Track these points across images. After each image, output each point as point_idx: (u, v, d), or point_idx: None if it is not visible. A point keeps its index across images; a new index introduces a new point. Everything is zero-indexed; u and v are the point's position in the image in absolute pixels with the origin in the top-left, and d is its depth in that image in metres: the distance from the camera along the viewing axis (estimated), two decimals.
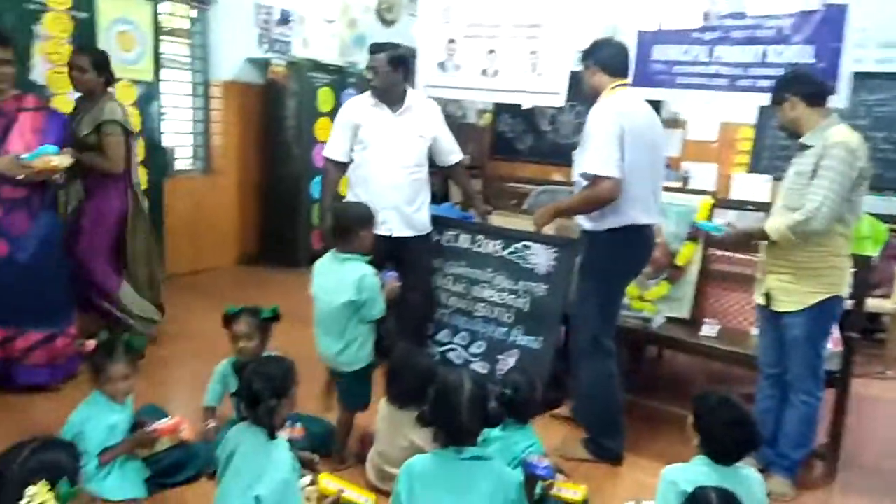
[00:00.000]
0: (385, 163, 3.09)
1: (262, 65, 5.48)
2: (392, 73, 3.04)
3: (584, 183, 2.58)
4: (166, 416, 2.36)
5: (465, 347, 3.34)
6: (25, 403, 2.83)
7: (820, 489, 2.67)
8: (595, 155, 2.48)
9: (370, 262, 2.48)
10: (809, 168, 2.40)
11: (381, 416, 2.38)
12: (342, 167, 3.21)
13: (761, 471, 2.37)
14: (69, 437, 2.08)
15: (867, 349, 4.01)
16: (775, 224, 2.45)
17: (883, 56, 6.01)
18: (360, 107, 3.17)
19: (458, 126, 7.13)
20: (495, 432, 2.13)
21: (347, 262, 2.43)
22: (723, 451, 1.84)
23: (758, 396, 2.75)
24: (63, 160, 2.81)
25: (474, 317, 3.33)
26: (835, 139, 2.38)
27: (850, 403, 2.74)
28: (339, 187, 3.31)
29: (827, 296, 2.44)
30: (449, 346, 3.39)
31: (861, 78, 3.79)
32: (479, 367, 3.28)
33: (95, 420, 2.21)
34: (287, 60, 5.44)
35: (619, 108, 2.53)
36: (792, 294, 2.49)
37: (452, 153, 3.36)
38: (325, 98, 5.54)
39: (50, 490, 1.36)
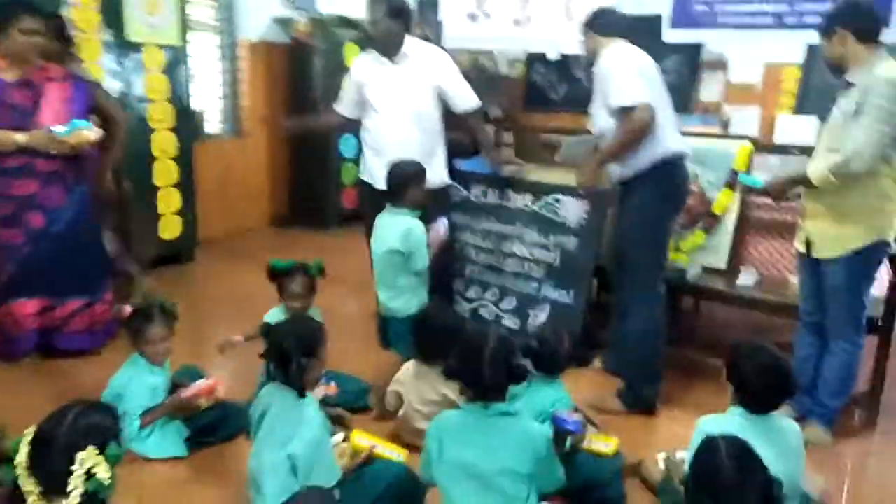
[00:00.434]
0: (391, 116, 3.06)
1: (288, 24, 5.42)
2: (391, 22, 2.99)
3: (609, 136, 2.56)
4: (203, 377, 2.42)
5: (496, 303, 3.32)
6: (68, 368, 2.93)
7: (859, 436, 2.61)
8: (620, 88, 2.48)
9: (422, 217, 2.66)
10: (853, 107, 2.27)
11: (409, 373, 2.39)
12: (348, 122, 3.27)
13: (799, 419, 2.37)
14: (111, 400, 2.16)
15: None
16: (817, 168, 2.34)
17: None
18: (363, 64, 3.16)
19: (489, 78, 6.99)
20: (522, 387, 2.11)
21: (398, 216, 2.64)
22: (757, 400, 1.81)
23: (797, 345, 2.68)
24: (95, 133, 2.84)
25: (504, 272, 3.30)
26: (882, 75, 2.23)
27: (892, 350, 2.65)
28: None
29: (871, 241, 2.33)
30: (479, 303, 3.38)
31: None
32: (510, 322, 3.28)
33: (136, 382, 2.29)
34: (310, 17, 5.36)
35: (625, 49, 2.58)
36: (833, 239, 2.39)
37: (464, 99, 3.14)
38: (351, 53, 5.45)
39: (99, 454, 1.38)
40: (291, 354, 1.83)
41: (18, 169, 2.76)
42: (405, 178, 2.63)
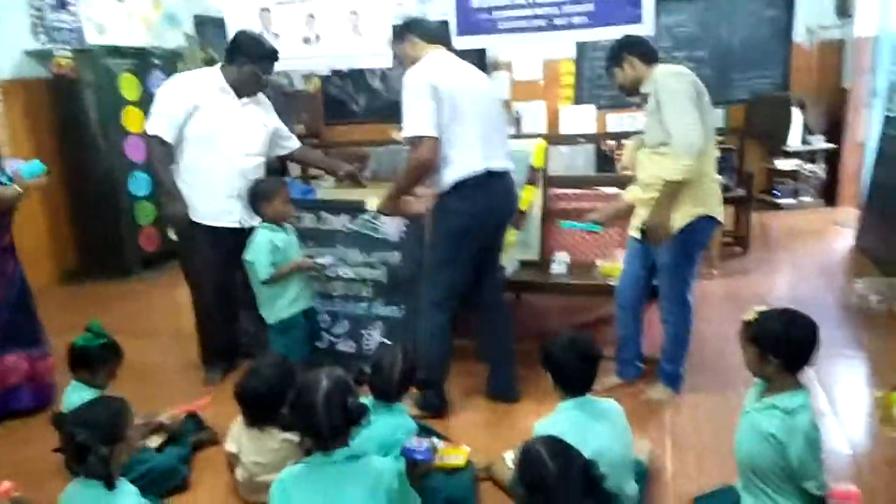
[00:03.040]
0: (231, 151, 2.93)
1: (46, 57, 4.81)
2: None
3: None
4: None
5: (328, 330, 3.23)
6: None
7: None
8: (408, 117, 2.46)
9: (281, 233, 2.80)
10: (654, 106, 2.53)
11: (236, 433, 2.23)
12: (168, 146, 2.92)
13: (629, 384, 2.79)
14: None
15: None
16: (667, 171, 2.47)
17: None
18: (203, 87, 2.92)
19: (286, 95, 6.80)
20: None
21: (258, 228, 2.81)
22: (574, 379, 1.93)
23: (617, 325, 2.92)
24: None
25: (332, 297, 3.21)
26: (659, 73, 2.55)
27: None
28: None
29: (695, 217, 2.55)
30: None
31: (661, 2, 4.02)
32: (345, 346, 3.21)
33: None
34: (72, 49, 4.83)
35: (427, 67, 2.52)
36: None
37: (292, 138, 3.31)
38: (128, 85, 5.00)
39: None
40: (90, 446, 1.62)
41: None
42: (255, 196, 2.81)
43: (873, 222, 4.69)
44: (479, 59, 7.14)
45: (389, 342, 3.02)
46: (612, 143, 5.42)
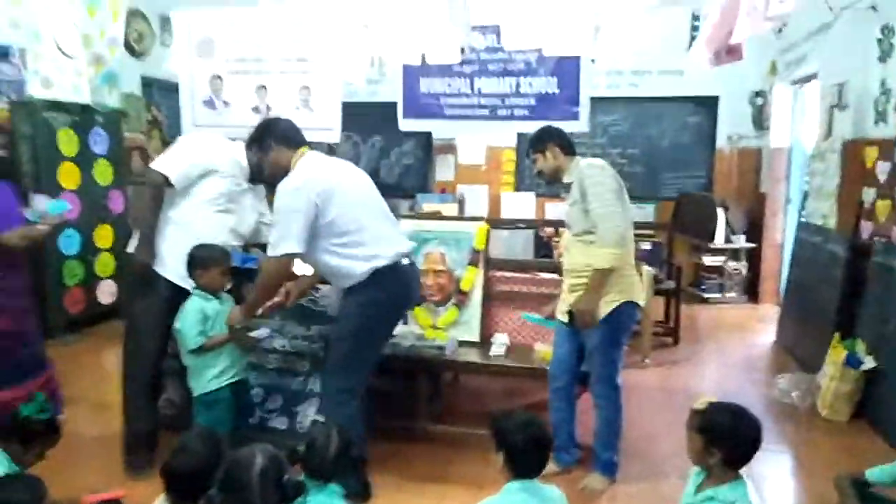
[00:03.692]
0: (225, 222, 2.88)
1: None
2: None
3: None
4: None
5: (260, 405, 3.10)
6: None
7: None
8: (277, 234, 2.46)
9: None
10: (578, 196, 2.69)
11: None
12: (165, 192, 2.79)
13: (564, 472, 2.78)
14: None
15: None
16: (597, 260, 2.61)
17: (610, 82, 6.91)
18: (227, 154, 2.87)
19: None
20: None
21: (191, 296, 2.72)
22: (526, 462, 1.88)
23: (550, 409, 2.93)
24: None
25: (266, 370, 3.10)
26: (584, 165, 2.72)
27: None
28: None
29: (620, 302, 2.67)
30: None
31: (595, 102, 4.31)
32: (278, 423, 3.08)
33: None
34: (10, 101, 4.70)
35: (303, 176, 2.49)
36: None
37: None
38: (66, 140, 4.87)
39: None
40: None
41: None
42: (192, 261, 2.69)
43: (791, 320, 4.96)
44: (425, 141, 7.38)
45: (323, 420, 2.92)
46: (549, 230, 5.60)
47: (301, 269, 2.90)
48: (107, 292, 5.23)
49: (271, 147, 2.59)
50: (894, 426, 3.31)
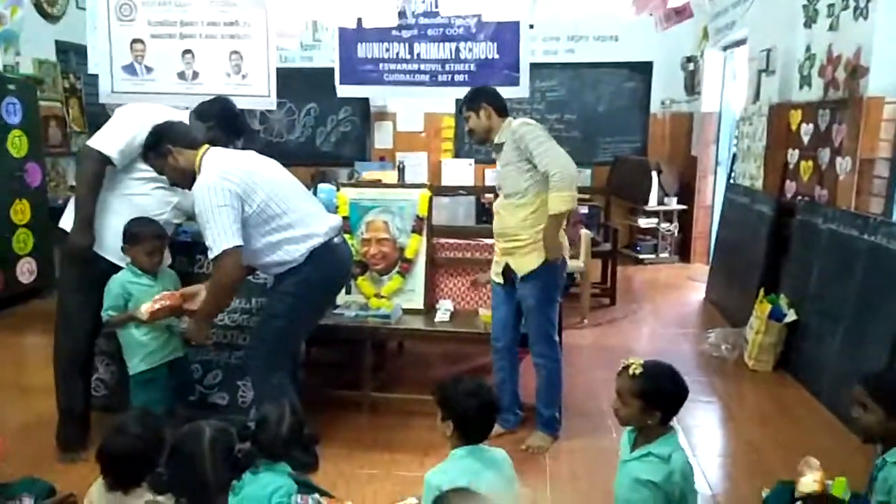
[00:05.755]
0: (169, 197, 2.75)
1: None
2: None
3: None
4: None
5: (199, 381, 3.03)
6: None
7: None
8: (210, 234, 2.35)
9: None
10: (514, 156, 2.73)
11: (95, 498, 2.00)
12: (105, 170, 2.62)
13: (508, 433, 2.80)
14: None
15: (567, 303, 4.62)
16: (552, 204, 2.66)
17: (548, 48, 6.94)
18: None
19: None
20: (246, 477, 1.92)
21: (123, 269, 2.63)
22: (475, 427, 1.89)
23: (494, 369, 2.99)
24: None
25: (206, 345, 3.02)
26: (518, 124, 2.78)
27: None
28: None
29: (546, 259, 2.74)
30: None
31: (534, 68, 4.31)
32: (218, 398, 3.02)
33: None
34: None
35: (216, 171, 2.41)
36: (524, 264, 2.78)
37: None
38: None
39: None
40: None
41: None
42: (124, 234, 2.56)
43: (720, 277, 5.19)
44: (362, 108, 7.25)
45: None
46: (490, 196, 5.62)
47: None
48: (26, 271, 4.96)
49: (170, 151, 2.46)
50: (813, 375, 3.53)
